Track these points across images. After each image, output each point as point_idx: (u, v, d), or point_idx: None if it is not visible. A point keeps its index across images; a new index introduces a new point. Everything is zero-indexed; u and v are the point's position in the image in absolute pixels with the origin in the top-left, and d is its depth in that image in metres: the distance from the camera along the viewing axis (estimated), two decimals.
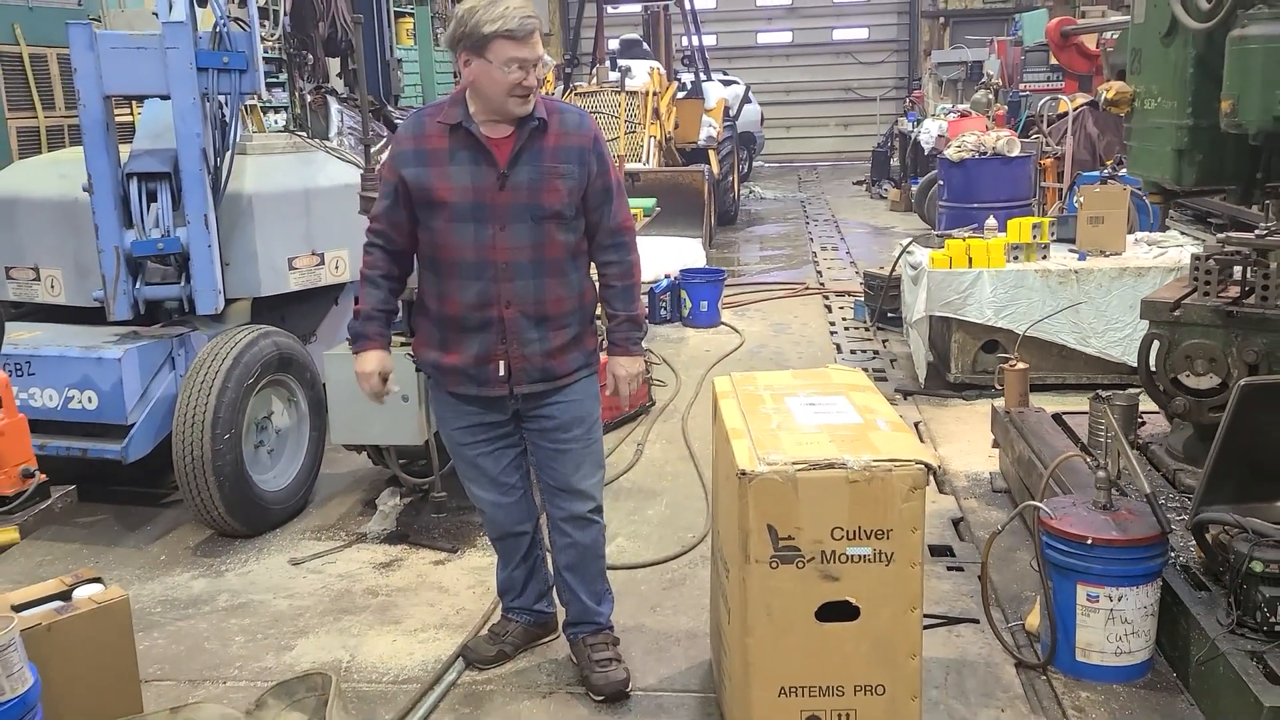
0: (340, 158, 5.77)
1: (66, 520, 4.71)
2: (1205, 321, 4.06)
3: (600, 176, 3.24)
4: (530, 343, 3.22)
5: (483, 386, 3.27)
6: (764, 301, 9.38)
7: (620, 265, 3.35)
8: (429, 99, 15.43)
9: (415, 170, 3.15)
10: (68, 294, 5.21)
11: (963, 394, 6.36)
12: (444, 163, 3.14)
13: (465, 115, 3.12)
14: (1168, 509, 3.84)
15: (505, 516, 3.51)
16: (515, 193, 3.12)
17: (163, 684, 3.59)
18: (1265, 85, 2.94)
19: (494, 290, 3.16)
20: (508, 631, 3.68)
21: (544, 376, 3.26)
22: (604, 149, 3.28)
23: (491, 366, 3.23)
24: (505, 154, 3.12)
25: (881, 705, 2.80)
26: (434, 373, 3.37)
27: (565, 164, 3.16)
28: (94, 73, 4.74)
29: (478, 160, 3.13)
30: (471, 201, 3.12)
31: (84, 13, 9.05)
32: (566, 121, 3.20)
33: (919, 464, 2.69)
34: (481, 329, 3.21)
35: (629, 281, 3.37)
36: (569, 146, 3.17)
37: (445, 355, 3.29)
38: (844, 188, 17.85)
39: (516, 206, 3.12)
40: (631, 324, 3.37)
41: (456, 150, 3.13)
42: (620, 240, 3.33)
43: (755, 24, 23.27)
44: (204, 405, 4.46)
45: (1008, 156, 8.82)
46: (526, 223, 3.14)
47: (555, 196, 3.15)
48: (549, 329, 3.23)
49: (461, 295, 3.19)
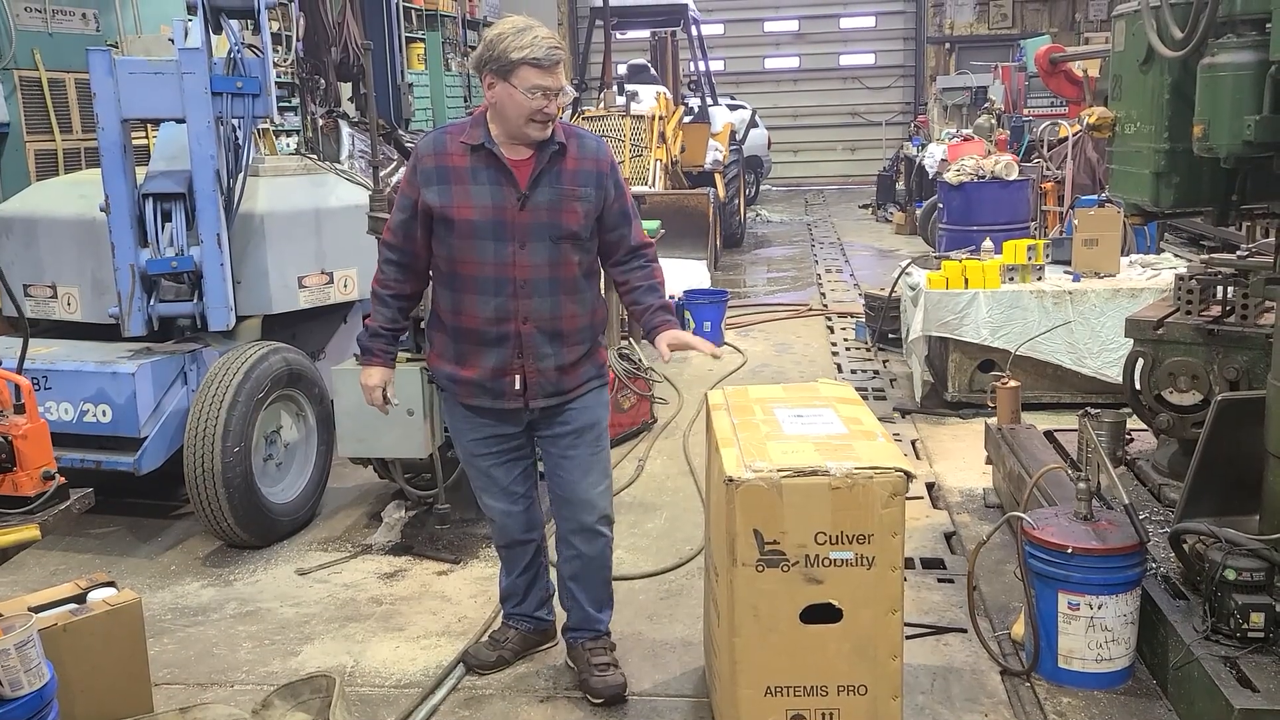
0: (350, 180, 5.92)
1: (81, 529, 4.87)
2: (1188, 339, 4.17)
3: (617, 200, 3.37)
4: (545, 357, 3.32)
5: (497, 399, 3.37)
6: (767, 322, 9.50)
7: (644, 270, 3.47)
8: (439, 123, 15.63)
9: (437, 188, 3.25)
10: (84, 311, 5.35)
11: (959, 412, 6.46)
12: (465, 181, 3.24)
13: (487, 136, 3.23)
14: (1152, 522, 3.95)
15: (514, 524, 3.61)
16: (535, 212, 3.23)
17: (172, 686, 3.70)
18: (1234, 111, 3.06)
19: (512, 306, 3.26)
20: (507, 638, 3.78)
21: (557, 391, 3.37)
22: (619, 174, 3.41)
23: (507, 380, 3.33)
24: (526, 175, 3.22)
25: (864, 705, 2.90)
26: (449, 385, 3.44)
27: (583, 187, 3.28)
28: (112, 97, 4.89)
29: (499, 180, 3.22)
30: (492, 220, 3.22)
31: (102, 39, 9.25)
32: (584, 147, 3.32)
33: (899, 471, 2.81)
34: (498, 343, 3.30)
35: (654, 281, 3.47)
36: (586, 170, 3.29)
37: (461, 369, 3.37)
38: (850, 211, 17.98)
39: (536, 226, 3.23)
40: (664, 309, 3.41)
41: (478, 169, 3.23)
42: (642, 255, 3.47)
43: (763, 49, 23.46)
44: (215, 419, 4.58)
45: (1006, 180, 8.94)
46: (545, 242, 3.24)
47: (573, 218, 3.27)
48: (563, 345, 3.34)
49: (480, 310, 3.28)
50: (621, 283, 3.48)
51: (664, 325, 3.39)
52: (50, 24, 8.91)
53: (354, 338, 5.97)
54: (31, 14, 8.71)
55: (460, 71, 17.52)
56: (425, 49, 15.99)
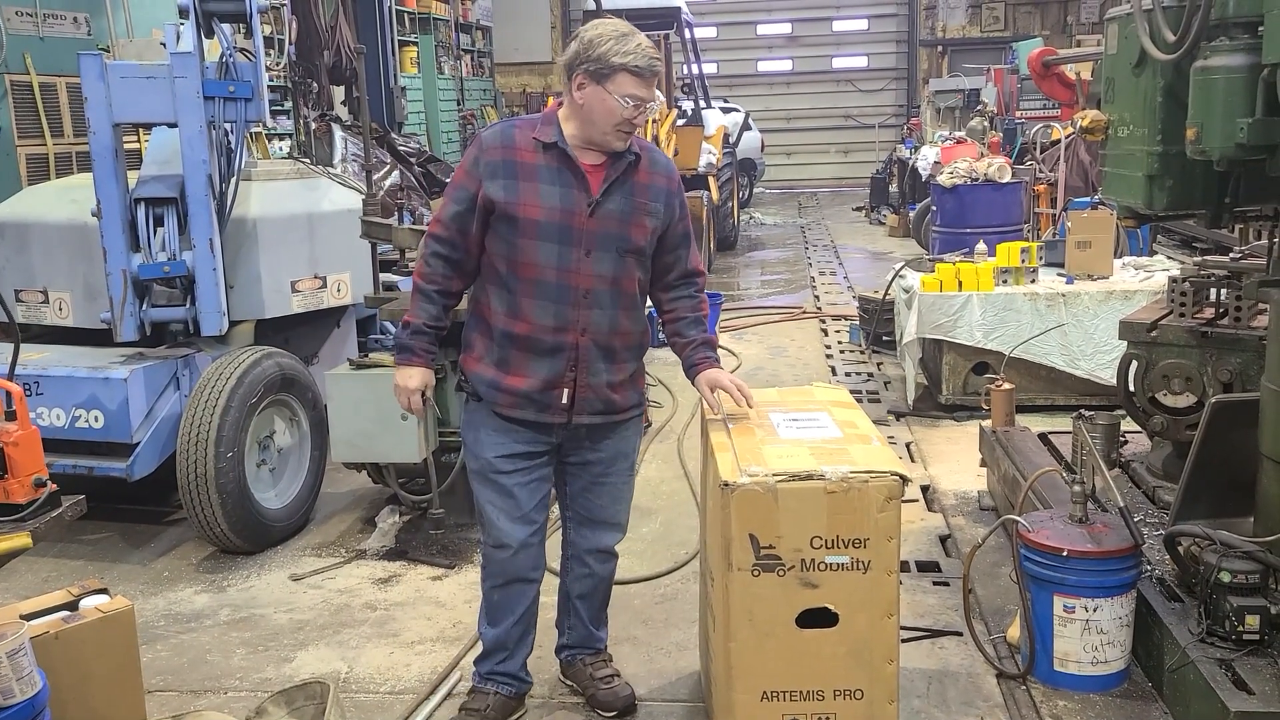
0: (343, 183, 5.91)
1: (73, 536, 4.85)
2: (1181, 342, 4.18)
3: (681, 221, 3.28)
4: (598, 373, 3.17)
5: (542, 412, 3.17)
6: (761, 325, 9.50)
7: (692, 300, 3.35)
8: (432, 126, 15.62)
9: (503, 182, 3.08)
10: (76, 316, 5.33)
11: (954, 415, 6.46)
12: (534, 179, 3.08)
13: (560, 136, 3.09)
14: (1147, 524, 3.95)
15: (525, 559, 3.30)
16: (604, 221, 3.10)
17: (165, 694, 3.68)
18: (1226, 113, 3.05)
19: (572, 315, 3.11)
20: (487, 705, 3.40)
21: (605, 409, 3.23)
22: (685, 195, 3.31)
23: (556, 393, 3.15)
24: (598, 182, 3.09)
25: (860, 709, 2.90)
26: (489, 393, 3.20)
27: (653, 202, 3.17)
28: (104, 101, 4.88)
29: (569, 183, 3.08)
30: (559, 223, 3.07)
31: (94, 43, 9.22)
32: (656, 162, 3.22)
33: (894, 475, 2.80)
34: (553, 353, 3.13)
35: (699, 314, 3.36)
36: (658, 186, 3.19)
37: (507, 377, 3.17)
38: (844, 214, 18.00)
39: (603, 235, 3.10)
40: (707, 345, 3.34)
41: (549, 169, 3.08)
42: (694, 281, 3.35)
43: (756, 53, 23.47)
44: (208, 425, 4.57)
45: (999, 183, 8.96)
46: (611, 253, 3.11)
47: (641, 232, 3.15)
48: (615, 361, 3.21)
49: (537, 315, 3.11)
50: (668, 310, 3.36)
51: (705, 363, 3.30)
52: (42, 28, 8.89)
53: (347, 342, 6.03)
54: (23, 18, 8.69)
55: (453, 75, 17.51)
56: (418, 52, 15.97)
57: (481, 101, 19.23)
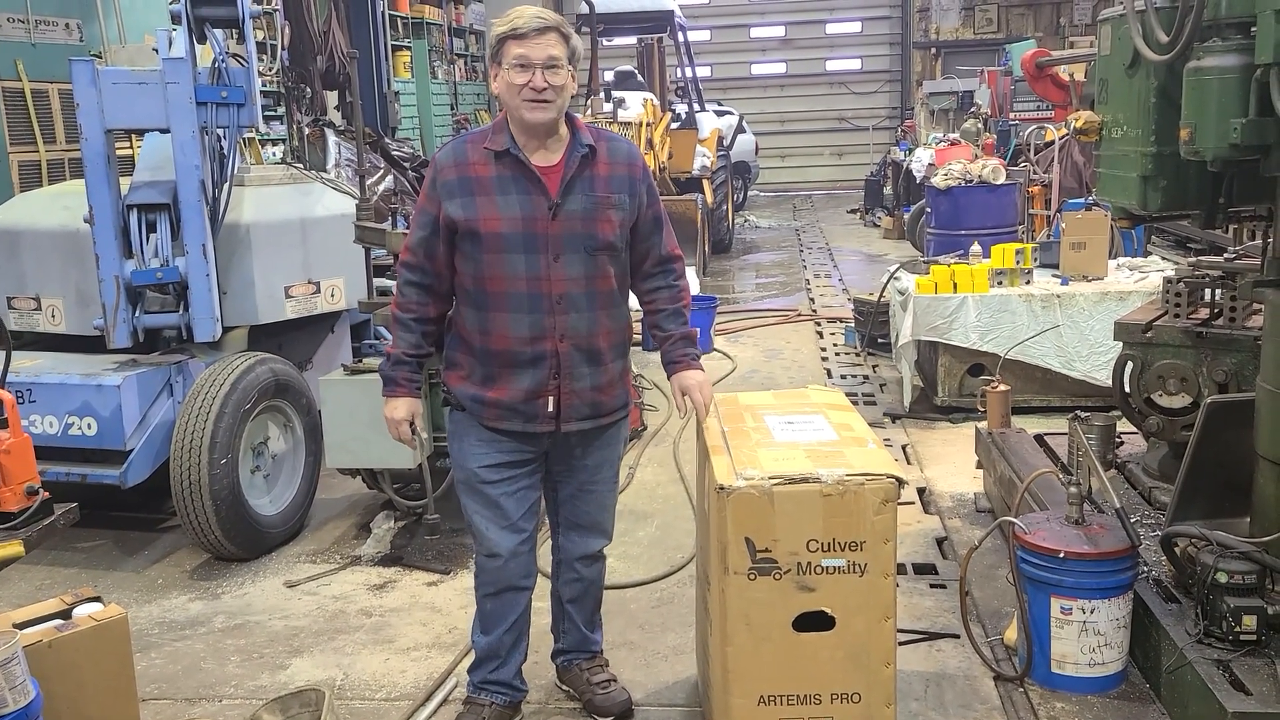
0: (337, 189, 5.90)
1: (66, 543, 4.83)
2: (1176, 342, 4.18)
3: (650, 207, 3.21)
4: (582, 378, 3.12)
5: (529, 423, 3.13)
6: (757, 328, 9.49)
7: (671, 290, 3.29)
8: (426, 131, 15.61)
9: (460, 200, 3.03)
10: (68, 323, 5.31)
11: (949, 417, 6.46)
12: (491, 191, 3.03)
13: (511, 141, 3.04)
14: (1143, 525, 3.95)
15: (516, 567, 3.26)
16: (568, 222, 3.03)
17: (160, 702, 3.67)
18: (1220, 114, 3.06)
19: (548, 323, 3.05)
20: (483, 716, 3.37)
21: (593, 413, 3.18)
22: (651, 178, 3.24)
23: (541, 402, 3.11)
24: (556, 182, 3.03)
25: (857, 712, 2.89)
26: (473, 407, 3.17)
27: (617, 194, 3.10)
28: (96, 107, 4.86)
29: (527, 189, 3.03)
30: (523, 232, 3.01)
31: (86, 49, 9.22)
32: (615, 150, 3.15)
33: (890, 478, 2.79)
34: (533, 364, 3.08)
35: (679, 304, 3.30)
36: (619, 176, 3.12)
37: (489, 390, 3.13)
38: (838, 216, 18.01)
39: (569, 237, 3.04)
40: (686, 340, 3.28)
41: (504, 178, 3.03)
42: (671, 268, 3.30)
43: (750, 55, 23.50)
44: (201, 431, 4.55)
45: (993, 184, 8.96)
46: (580, 253, 3.05)
47: (609, 227, 3.08)
48: (599, 364, 3.16)
49: (512, 329, 3.06)
50: (647, 301, 3.31)
51: (684, 362, 3.24)
52: (33, 34, 8.88)
53: (341, 347, 6.01)
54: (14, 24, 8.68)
55: (447, 79, 17.51)
56: (411, 57, 15.99)
57: (475, 106, 19.24)
